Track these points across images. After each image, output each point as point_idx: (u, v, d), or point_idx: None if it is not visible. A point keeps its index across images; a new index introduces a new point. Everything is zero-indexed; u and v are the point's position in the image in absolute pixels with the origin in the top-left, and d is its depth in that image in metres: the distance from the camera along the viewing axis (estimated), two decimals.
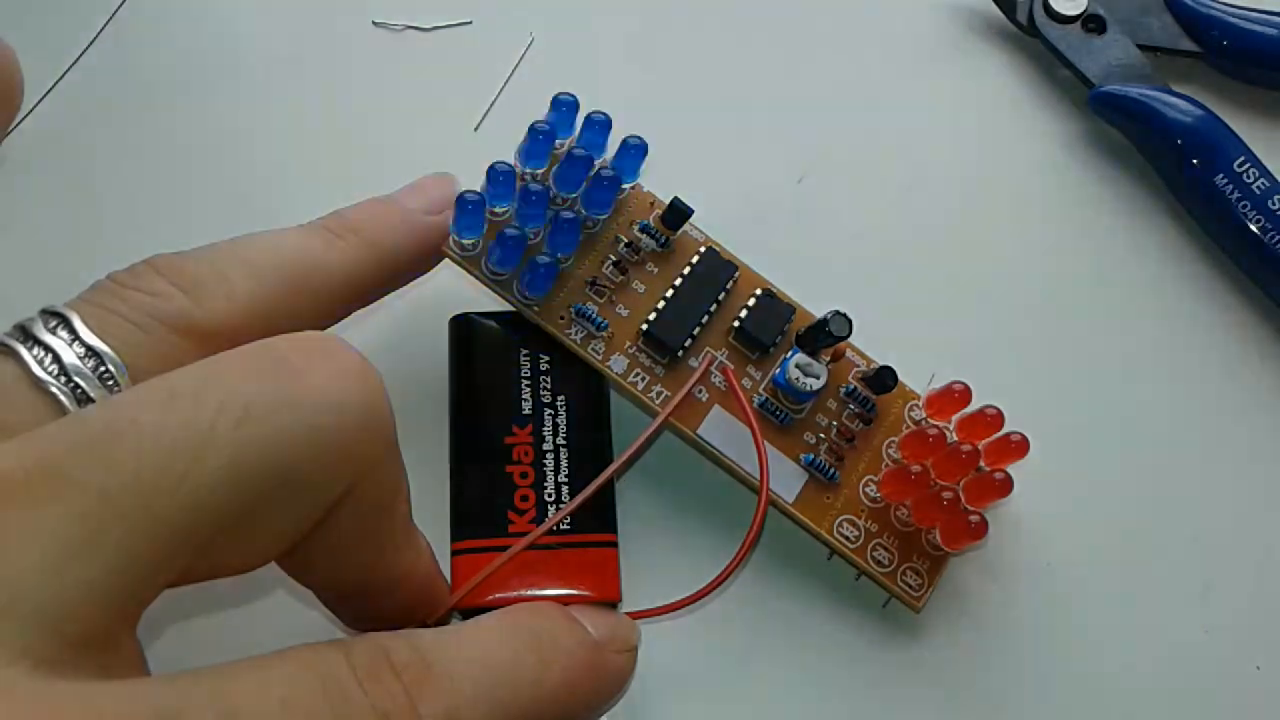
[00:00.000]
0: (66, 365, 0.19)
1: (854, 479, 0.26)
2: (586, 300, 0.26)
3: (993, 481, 0.24)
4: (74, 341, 0.19)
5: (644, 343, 0.26)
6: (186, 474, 0.15)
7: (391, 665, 0.17)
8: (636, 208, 0.27)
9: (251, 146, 0.31)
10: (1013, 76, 0.33)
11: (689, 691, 0.25)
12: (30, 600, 0.14)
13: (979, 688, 0.26)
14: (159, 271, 0.21)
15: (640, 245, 0.26)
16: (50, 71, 0.31)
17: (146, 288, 0.21)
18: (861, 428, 0.26)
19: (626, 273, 0.26)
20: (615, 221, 0.27)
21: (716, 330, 0.26)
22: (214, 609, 0.25)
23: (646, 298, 0.26)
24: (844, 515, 0.25)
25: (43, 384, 0.18)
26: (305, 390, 0.17)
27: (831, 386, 0.26)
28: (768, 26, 0.34)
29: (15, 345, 0.19)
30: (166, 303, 0.20)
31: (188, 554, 0.16)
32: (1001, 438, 0.25)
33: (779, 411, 0.26)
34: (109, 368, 0.19)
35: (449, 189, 0.25)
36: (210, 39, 0.32)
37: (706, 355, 0.26)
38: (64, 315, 0.19)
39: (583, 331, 0.26)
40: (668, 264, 0.26)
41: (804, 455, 0.25)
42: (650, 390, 0.25)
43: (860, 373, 0.26)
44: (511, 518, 0.25)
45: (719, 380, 0.26)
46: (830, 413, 0.26)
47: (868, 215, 0.31)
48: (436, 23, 0.33)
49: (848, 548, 0.25)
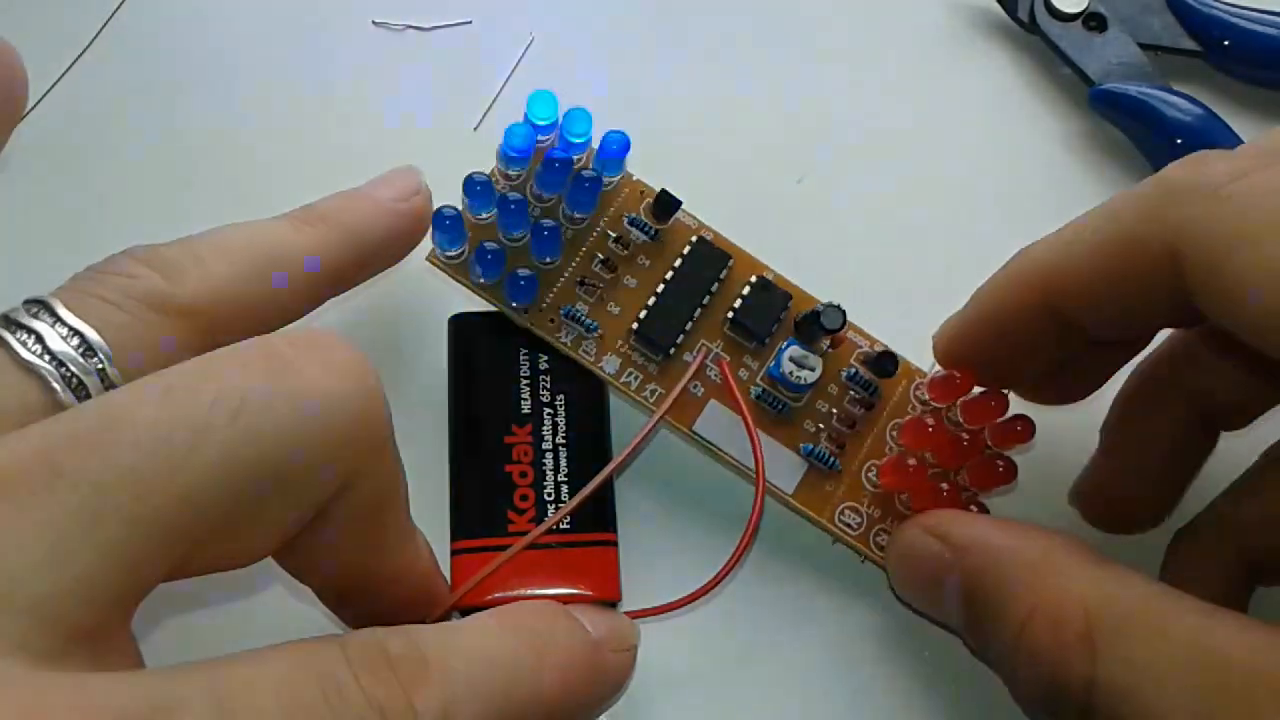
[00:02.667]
0: (50, 346, 0.19)
1: (856, 465, 0.26)
2: (576, 301, 0.26)
3: (995, 468, 0.24)
4: (56, 323, 0.19)
5: (635, 341, 0.26)
6: (182, 468, 0.15)
7: (388, 660, 0.17)
8: (627, 199, 0.27)
9: (251, 146, 0.31)
10: (1013, 74, 0.33)
11: (689, 691, 0.25)
12: (26, 593, 0.14)
13: (980, 684, 0.26)
14: (134, 257, 0.21)
15: (630, 239, 0.26)
16: (50, 71, 0.31)
17: (122, 270, 0.21)
18: (864, 413, 0.26)
19: (616, 270, 0.26)
20: (604, 215, 0.26)
21: (711, 321, 0.26)
22: (211, 604, 0.25)
23: (638, 293, 0.26)
24: (846, 503, 0.25)
25: (29, 365, 0.19)
26: (301, 385, 0.17)
27: (832, 370, 0.26)
28: (768, 26, 0.34)
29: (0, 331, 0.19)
30: (143, 282, 0.21)
31: (183, 548, 0.16)
32: (1006, 422, 0.25)
33: (777, 402, 0.25)
34: (91, 347, 0.19)
35: (415, 179, 0.26)
36: (210, 39, 0.32)
37: (701, 349, 0.26)
38: (45, 301, 0.20)
39: (573, 333, 0.25)
40: (660, 255, 0.26)
41: (804, 445, 0.25)
42: (644, 389, 0.25)
43: (862, 354, 0.26)
44: (511, 517, 0.25)
45: (715, 374, 0.26)
46: (831, 398, 0.26)
47: (867, 214, 0.31)
48: (436, 23, 0.33)
49: (850, 535, 0.25)
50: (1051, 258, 0.23)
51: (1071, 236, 0.22)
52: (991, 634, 0.21)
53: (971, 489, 0.25)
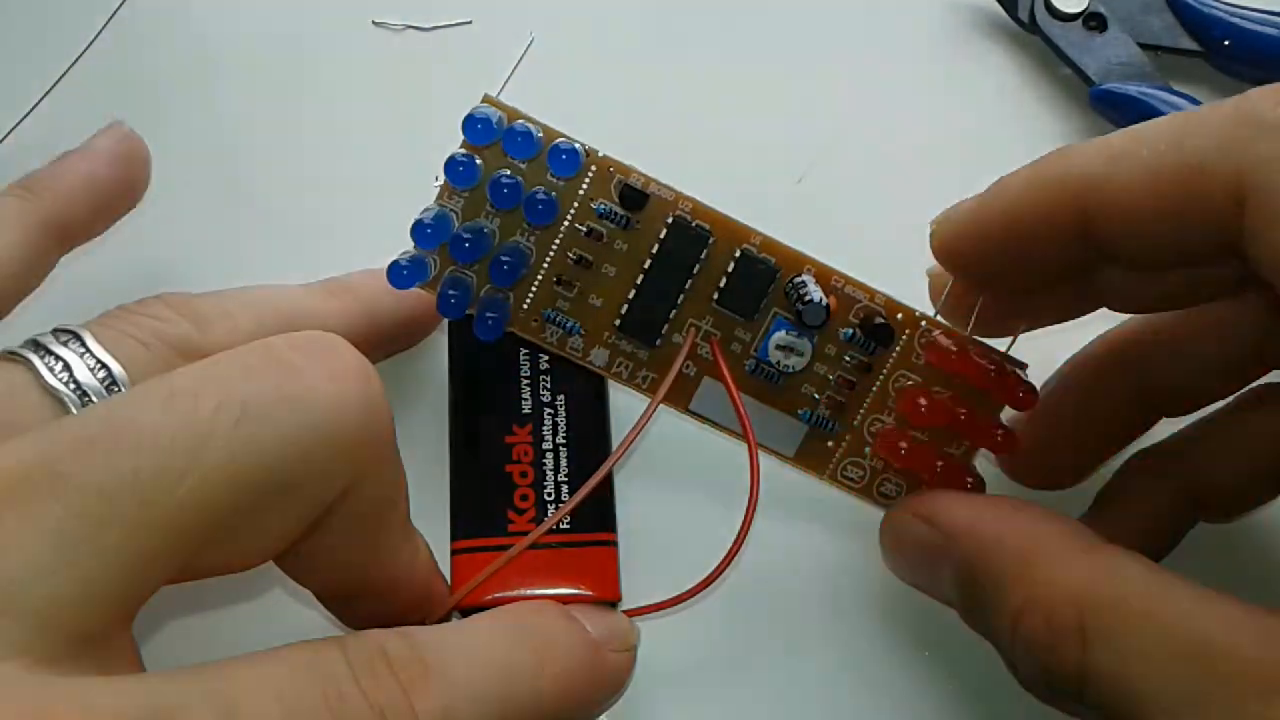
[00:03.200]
0: (76, 375, 0.20)
1: (858, 420, 0.25)
2: (556, 300, 0.25)
3: (995, 437, 0.24)
4: (85, 354, 0.20)
5: (621, 333, 0.25)
6: (185, 473, 0.16)
7: (388, 662, 0.17)
8: (596, 185, 0.25)
9: (251, 146, 0.31)
10: (1013, 74, 0.33)
11: (689, 690, 0.25)
12: (27, 597, 0.14)
13: (980, 682, 0.26)
14: (167, 303, 0.22)
15: (603, 231, 0.25)
16: (50, 71, 0.31)
17: (154, 314, 0.22)
18: (863, 376, 0.25)
19: (591, 266, 0.25)
20: (573, 206, 0.25)
21: (699, 299, 0.25)
22: (213, 607, 0.25)
23: (619, 281, 0.25)
24: (849, 459, 0.25)
25: (53, 390, 0.20)
26: (304, 389, 0.17)
27: (830, 329, 0.25)
28: (769, 25, 0.34)
29: (28, 355, 0.20)
30: (173, 327, 0.22)
31: (185, 552, 0.16)
32: (1008, 386, 0.24)
33: (772, 375, 0.25)
34: (116, 380, 0.20)
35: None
36: (210, 39, 0.32)
37: (690, 330, 0.25)
38: (76, 332, 0.21)
39: (558, 332, 0.25)
40: (638, 237, 0.25)
41: (802, 411, 0.25)
42: (636, 377, 0.25)
43: (862, 309, 0.25)
44: (511, 517, 0.25)
45: (708, 351, 0.25)
46: (829, 361, 0.25)
47: (867, 214, 0.31)
48: (436, 23, 0.33)
49: (852, 488, 0.25)
50: (1097, 169, 0.20)
51: (1120, 151, 0.20)
52: (987, 620, 0.21)
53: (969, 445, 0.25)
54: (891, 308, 0.25)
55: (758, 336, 0.25)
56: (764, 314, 0.25)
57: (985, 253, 0.23)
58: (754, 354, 0.25)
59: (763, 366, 0.25)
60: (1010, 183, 0.22)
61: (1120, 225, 0.20)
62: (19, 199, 0.24)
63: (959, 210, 0.23)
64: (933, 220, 0.24)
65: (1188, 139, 0.19)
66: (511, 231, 0.25)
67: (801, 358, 0.25)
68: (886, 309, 0.25)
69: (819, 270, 0.25)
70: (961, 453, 0.25)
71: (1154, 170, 0.20)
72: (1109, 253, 0.21)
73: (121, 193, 0.26)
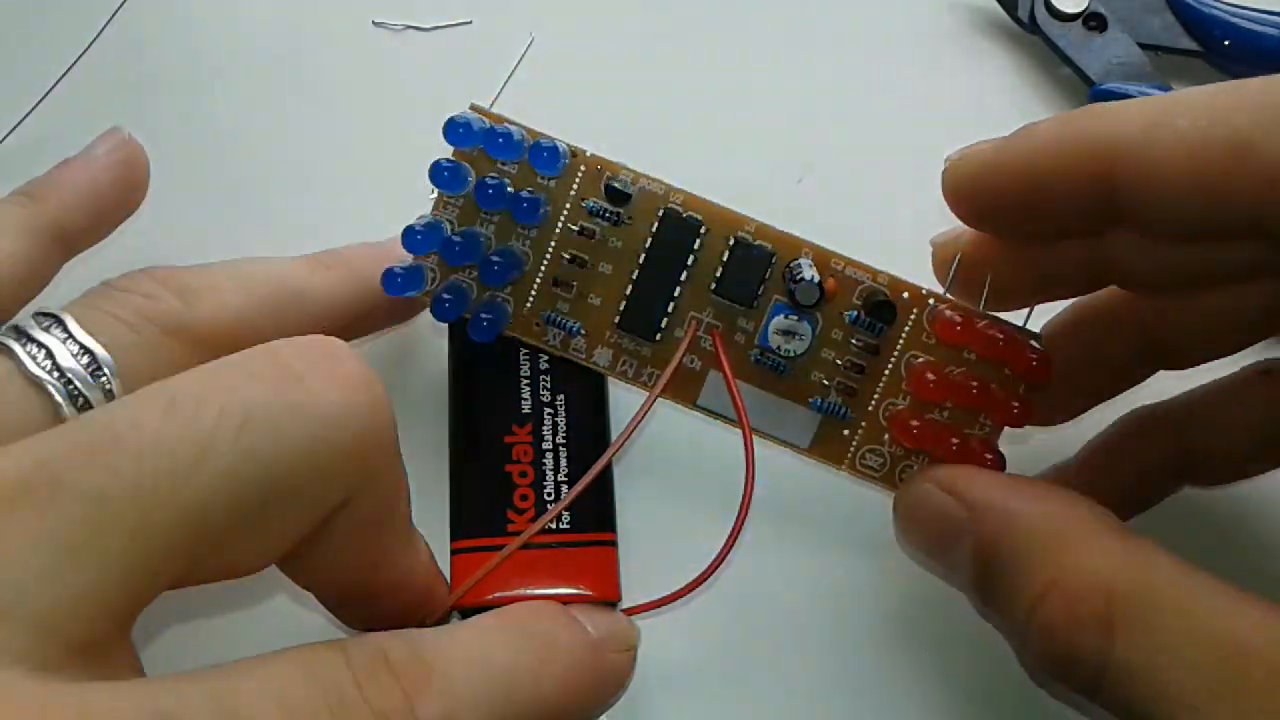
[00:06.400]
0: (59, 362, 0.19)
1: (872, 406, 0.25)
2: (555, 302, 0.25)
3: (1010, 410, 0.24)
4: (67, 339, 0.20)
5: (622, 331, 0.25)
6: (186, 481, 0.15)
7: (389, 666, 0.17)
8: (586, 184, 0.25)
9: (251, 146, 0.31)
10: (1013, 74, 0.33)
11: (690, 690, 0.25)
12: (28, 604, 0.14)
13: (980, 681, 0.26)
14: (153, 277, 0.22)
15: (596, 229, 0.25)
16: (51, 71, 0.31)
17: (140, 290, 0.21)
18: (871, 357, 0.25)
19: (587, 265, 0.25)
20: (565, 207, 0.25)
21: (697, 290, 0.25)
22: (213, 611, 0.25)
23: (615, 279, 0.25)
24: (867, 446, 0.25)
25: (36, 379, 0.19)
26: (307, 397, 0.17)
27: (832, 313, 0.25)
28: (769, 25, 0.34)
29: (9, 343, 0.19)
30: (158, 304, 0.21)
31: (186, 560, 0.16)
32: (1022, 358, 0.24)
33: (777, 364, 0.25)
34: (100, 365, 0.20)
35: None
36: (210, 39, 0.32)
37: (690, 323, 0.25)
38: (57, 315, 0.20)
39: (560, 334, 0.25)
40: (630, 233, 0.25)
41: (813, 399, 0.25)
42: (641, 375, 0.25)
43: (865, 289, 0.25)
44: (511, 517, 0.25)
45: (710, 343, 0.25)
46: (836, 344, 0.25)
47: (867, 214, 0.31)
48: (436, 23, 0.33)
49: (873, 477, 0.25)
50: (1131, 134, 0.20)
51: (1155, 118, 0.20)
52: (1004, 600, 0.21)
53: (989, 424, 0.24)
54: (896, 286, 0.25)
55: (760, 322, 0.25)
56: (764, 301, 0.25)
57: (999, 198, 0.22)
58: (757, 343, 0.25)
59: (767, 355, 0.25)
60: (1037, 131, 0.22)
61: (1152, 194, 0.20)
62: (21, 205, 0.24)
63: (978, 149, 0.23)
64: (948, 156, 0.23)
65: (1237, 117, 0.19)
66: (507, 236, 0.25)
67: (803, 340, 0.24)
68: (890, 288, 0.25)
69: (817, 254, 0.25)
70: (985, 432, 0.24)
71: (1193, 143, 0.19)
72: (1132, 218, 0.21)
73: (122, 198, 0.25)
